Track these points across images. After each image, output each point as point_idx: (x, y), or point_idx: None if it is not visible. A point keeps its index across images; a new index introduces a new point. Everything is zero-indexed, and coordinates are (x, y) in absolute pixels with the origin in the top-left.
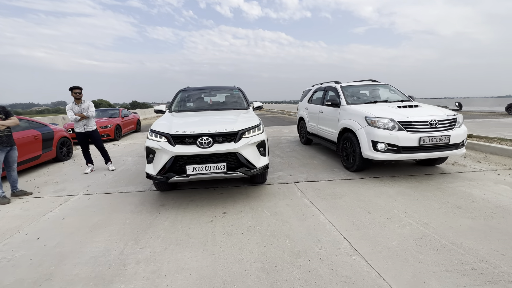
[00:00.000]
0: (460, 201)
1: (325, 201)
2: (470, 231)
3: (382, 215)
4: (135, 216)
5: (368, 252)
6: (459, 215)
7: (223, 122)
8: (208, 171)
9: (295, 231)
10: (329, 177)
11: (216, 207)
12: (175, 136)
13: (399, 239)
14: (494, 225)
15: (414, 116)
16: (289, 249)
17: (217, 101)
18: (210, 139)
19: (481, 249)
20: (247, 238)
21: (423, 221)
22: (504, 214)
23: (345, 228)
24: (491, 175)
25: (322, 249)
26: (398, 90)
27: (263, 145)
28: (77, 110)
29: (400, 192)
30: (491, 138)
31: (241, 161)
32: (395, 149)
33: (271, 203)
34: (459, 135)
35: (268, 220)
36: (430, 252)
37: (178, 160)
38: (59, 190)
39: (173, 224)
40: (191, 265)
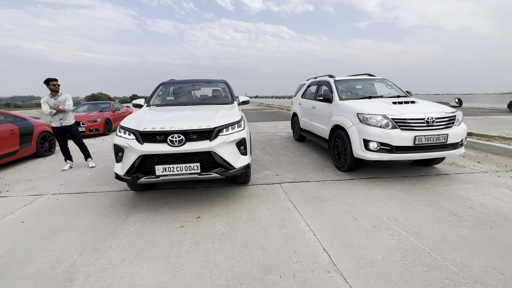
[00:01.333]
0: (456, 207)
1: (310, 205)
2: (466, 243)
3: (369, 222)
4: (101, 220)
5: (349, 267)
6: (454, 224)
7: (199, 118)
8: (180, 171)
9: (271, 240)
10: (318, 178)
11: (191, 211)
12: (144, 133)
13: (385, 251)
14: (492, 236)
15: (410, 113)
16: (260, 263)
17: (202, 95)
18: (182, 136)
19: (477, 266)
20: (216, 248)
21: (414, 230)
22: (504, 223)
23: (326, 237)
24: (491, 177)
25: (298, 263)
26: (395, 85)
27: (243, 143)
28: (53, 103)
29: (392, 196)
30: (492, 137)
31: (217, 161)
32: (388, 149)
33: (251, 207)
34: (458, 134)
35: (243, 227)
36: (419, 269)
37: (147, 160)
38: (29, 189)
39: (140, 230)
40: (146, 281)
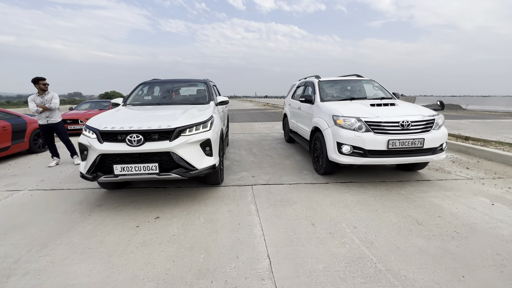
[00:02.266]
0: (423, 216)
1: (273, 208)
2: (418, 255)
3: (326, 228)
4: (63, 217)
5: (285, 276)
6: (415, 234)
7: (162, 118)
8: (138, 171)
9: (218, 243)
10: (293, 180)
11: (153, 211)
12: (104, 132)
13: (330, 260)
14: (450, 248)
15: (384, 116)
16: (198, 267)
17: (181, 95)
18: (141, 136)
19: (420, 280)
20: (161, 250)
21: (369, 238)
22: (469, 234)
23: (276, 243)
24: (474, 185)
25: (235, 268)
26: (382, 86)
27: (208, 144)
28: (40, 102)
29: (361, 201)
30: (489, 141)
31: (176, 162)
32: (361, 153)
33: (214, 208)
34: (436, 139)
35: (197, 229)
36: (357, 281)
37: (107, 159)
38: (10, 184)
39: (95, 229)
40: (79, 281)
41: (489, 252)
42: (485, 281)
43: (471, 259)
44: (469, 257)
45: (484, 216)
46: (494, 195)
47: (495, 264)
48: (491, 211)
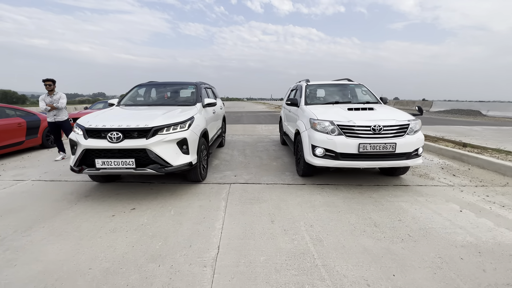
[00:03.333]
0: (384, 219)
1: (241, 206)
2: (360, 254)
3: (282, 226)
4: (52, 204)
5: (226, 265)
6: (367, 235)
7: (142, 118)
8: (117, 166)
9: (178, 234)
10: (271, 181)
11: (132, 202)
12: (88, 129)
13: (273, 254)
14: (394, 250)
15: (357, 120)
16: (152, 252)
17: (172, 97)
18: (120, 134)
19: (350, 276)
20: (126, 236)
21: (320, 237)
22: (421, 237)
23: (230, 236)
24: (452, 192)
25: (184, 256)
26: (369, 91)
27: (185, 142)
28: (49, 101)
29: (328, 203)
30: (486, 149)
31: (151, 158)
32: (333, 155)
33: (187, 203)
34: (409, 144)
35: (164, 220)
36: (290, 273)
37: (90, 153)
38: (18, 174)
39: (76, 216)
40: (47, 258)
41: (432, 255)
42: (413, 281)
43: (410, 260)
44: (409, 258)
45: (446, 222)
46: (467, 202)
47: (432, 266)
48: (455, 217)
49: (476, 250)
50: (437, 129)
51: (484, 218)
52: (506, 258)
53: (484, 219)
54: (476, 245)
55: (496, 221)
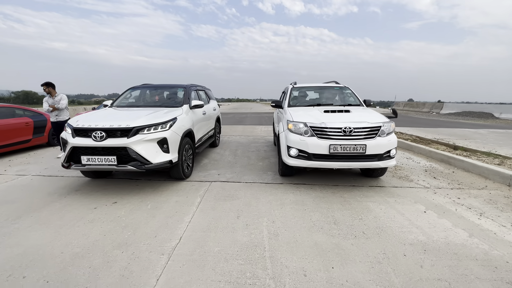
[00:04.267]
0: (346, 217)
1: (214, 202)
2: (309, 248)
3: (246, 221)
4: (44, 197)
5: (182, 253)
6: (323, 231)
7: (126, 118)
8: (100, 162)
9: (148, 225)
10: (252, 180)
11: (115, 197)
12: (76, 128)
13: (228, 245)
14: (344, 245)
15: (329, 122)
16: (120, 241)
17: (163, 99)
18: (104, 133)
19: (291, 266)
20: (101, 226)
21: (277, 232)
22: (374, 235)
23: (195, 228)
24: (424, 194)
25: (148, 244)
26: (353, 93)
27: (165, 142)
28: (51, 102)
29: (298, 201)
30: (476, 152)
31: (132, 156)
32: (306, 156)
33: (165, 198)
34: (380, 146)
35: (140, 213)
36: (237, 262)
37: (77, 151)
38: (21, 170)
39: (63, 208)
40: (28, 243)
41: (377, 251)
42: (349, 273)
43: (354, 255)
44: (354, 253)
45: (405, 222)
46: (435, 204)
47: (372, 261)
48: (416, 218)
49: (423, 248)
50: (440, 131)
51: (445, 219)
52: (448, 256)
53: (444, 220)
54: (425, 243)
55: (456, 222)
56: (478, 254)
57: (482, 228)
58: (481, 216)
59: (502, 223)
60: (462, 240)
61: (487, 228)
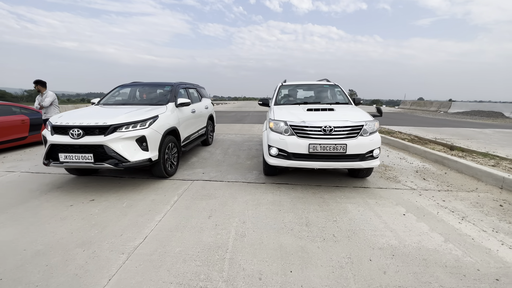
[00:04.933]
0: (320, 219)
1: (190, 201)
2: (272, 250)
3: (216, 221)
4: (25, 194)
5: (143, 253)
6: (292, 233)
7: (105, 116)
8: (78, 160)
9: (118, 224)
10: (235, 179)
11: (94, 194)
12: (54, 126)
13: (191, 246)
14: (310, 248)
15: (310, 120)
16: (85, 239)
17: (149, 96)
18: (81, 131)
19: (248, 269)
20: (71, 224)
21: (245, 233)
22: (344, 238)
23: (163, 228)
24: (408, 195)
25: (111, 243)
26: (343, 91)
27: (144, 140)
28: (40, 100)
29: (275, 202)
30: (472, 152)
31: (108, 154)
32: (285, 155)
33: (143, 196)
34: (361, 145)
35: (113, 211)
36: (195, 263)
37: (56, 148)
38: (13, 166)
39: (40, 204)
40: None
41: (342, 255)
42: (306, 277)
43: (317, 259)
44: (318, 257)
45: (380, 224)
46: (417, 206)
47: (334, 266)
48: (393, 221)
49: (391, 253)
50: (443, 131)
51: (423, 222)
52: (416, 262)
53: (422, 223)
54: (395, 248)
55: (434, 226)
56: (449, 261)
57: (460, 233)
58: (462, 220)
59: (484, 228)
60: (436, 245)
61: (465, 233)
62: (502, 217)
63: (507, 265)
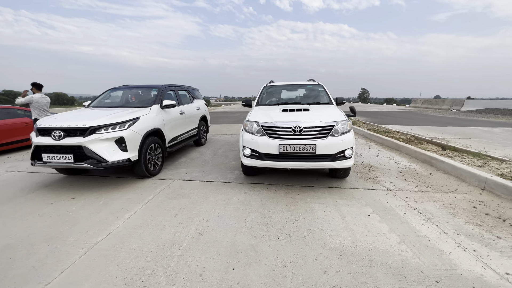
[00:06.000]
0: (282, 219)
1: (163, 200)
2: (223, 248)
3: (181, 219)
4: (15, 192)
5: (101, 248)
6: (249, 232)
7: (86, 118)
8: (59, 160)
9: (88, 221)
10: (215, 179)
11: (77, 193)
12: (39, 128)
13: (148, 242)
14: (261, 247)
15: (281, 121)
16: (54, 234)
17: (137, 99)
18: (62, 132)
19: (193, 266)
20: (45, 220)
21: (204, 231)
22: (299, 238)
23: (129, 225)
24: (382, 196)
25: (75, 239)
26: (326, 91)
27: (123, 141)
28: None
29: (245, 201)
30: (464, 152)
31: (87, 154)
32: (257, 155)
33: (120, 195)
34: (332, 145)
35: (88, 209)
36: (144, 259)
37: (39, 149)
38: (12, 166)
39: (25, 202)
40: None
41: (290, 255)
42: (246, 275)
43: (264, 257)
44: (265, 256)
45: (340, 225)
46: (385, 207)
47: (278, 265)
48: (356, 221)
49: (339, 253)
50: (446, 130)
51: (385, 223)
52: (361, 262)
53: (384, 224)
54: (346, 248)
55: (395, 227)
56: (395, 262)
57: (419, 235)
58: (427, 222)
59: (446, 229)
60: (389, 246)
61: (425, 234)
62: (471, 219)
63: (453, 268)
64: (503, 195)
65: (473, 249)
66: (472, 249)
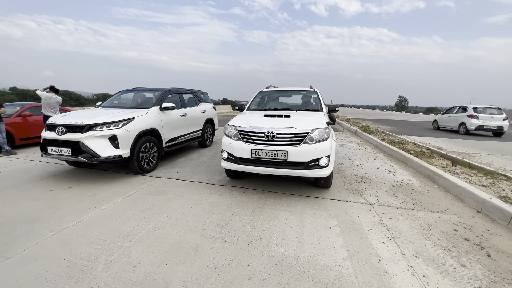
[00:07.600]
0: (241, 223)
1: (143, 196)
2: (168, 245)
3: (147, 215)
4: (28, 179)
5: (67, 233)
6: (201, 233)
7: (86, 117)
8: (60, 153)
9: (70, 208)
10: (199, 179)
11: (74, 183)
12: (48, 124)
13: (107, 232)
14: (204, 248)
15: (255, 126)
16: (36, 217)
17: (141, 101)
18: (64, 128)
19: (133, 257)
20: (35, 205)
21: (161, 227)
22: (245, 243)
23: (100, 215)
24: (356, 210)
25: (51, 222)
26: (318, 98)
27: (115, 138)
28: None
29: (216, 203)
30: (475, 169)
31: (82, 149)
32: (233, 159)
33: (108, 188)
34: (304, 153)
35: (76, 198)
36: (94, 247)
37: (45, 142)
38: (37, 156)
39: (32, 188)
40: None
41: (226, 258)
42: (172, 272)
43: (200, 257)
44: (202, 256)
45: (293, 235)
46: (352, 221)
47: (209, 266)
48: (312, 233)
49: (276, 262)
50: (477, 144)
51: (342, 237)
52: (293, 274)
53: (340, 238)
54: (286, 258)
55: (349, 242)
56: (327, 278)
57: (371, 253)
58: (389, 240)
59: (406, 251)
60: (332, 261)
61: (378, 253)
62: (443, 242)
63: None
64: (498, 220)
65: (423, 275)
66: (423, 274)
